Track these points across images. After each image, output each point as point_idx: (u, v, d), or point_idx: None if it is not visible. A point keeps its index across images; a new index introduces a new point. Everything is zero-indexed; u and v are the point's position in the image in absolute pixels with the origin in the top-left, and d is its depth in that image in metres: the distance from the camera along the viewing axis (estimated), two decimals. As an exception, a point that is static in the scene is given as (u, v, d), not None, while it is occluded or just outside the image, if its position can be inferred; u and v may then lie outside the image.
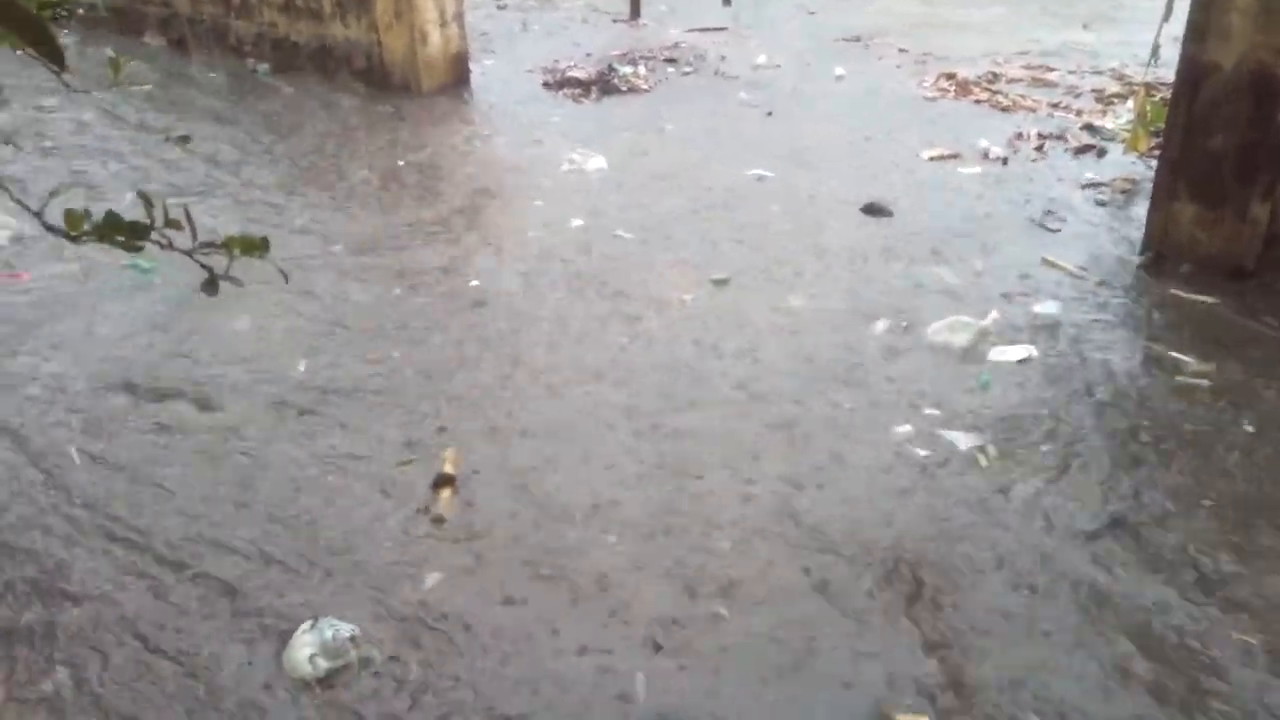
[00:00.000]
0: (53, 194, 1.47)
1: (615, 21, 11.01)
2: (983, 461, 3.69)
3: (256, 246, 1.22)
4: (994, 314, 4.64)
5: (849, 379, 4.21)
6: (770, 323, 4.68)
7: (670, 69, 9.12)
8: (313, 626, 2.87)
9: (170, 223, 1.19)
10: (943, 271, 5.20)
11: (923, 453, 3.73)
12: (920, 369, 4.30)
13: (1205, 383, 4.13)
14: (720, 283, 5.06)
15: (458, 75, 8.42)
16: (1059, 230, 5.68)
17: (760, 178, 6.47)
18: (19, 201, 1.38)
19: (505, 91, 8.42)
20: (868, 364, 4.33)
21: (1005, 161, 6.75)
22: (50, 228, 1.23)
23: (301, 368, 4.29)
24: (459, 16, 8.31)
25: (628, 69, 8.92)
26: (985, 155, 6.86)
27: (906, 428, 3.88)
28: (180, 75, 8.61)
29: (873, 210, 5.93)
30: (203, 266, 1.25)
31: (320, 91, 8.20)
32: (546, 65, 9.09)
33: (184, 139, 6.05)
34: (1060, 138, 7.22)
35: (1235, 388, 4.09)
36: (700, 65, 9.26)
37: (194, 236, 1.21)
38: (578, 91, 8.38)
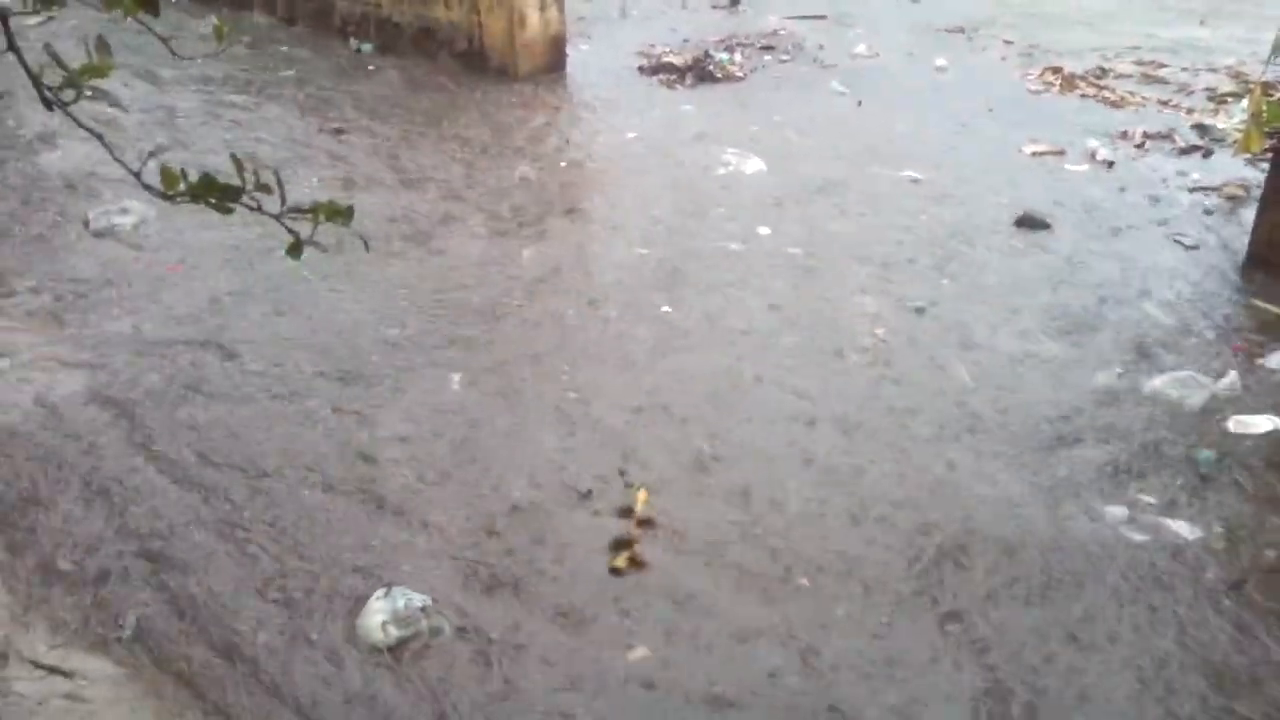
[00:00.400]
0: (151, 154, 1.53)
1: (714, 8, 10.96)
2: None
3: (341, 213, 1.26)
4: (1231, 376, 4.09)
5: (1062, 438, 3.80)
6: (974, 363, 4.31)
7: (767, 57, 9.06)
8: (386, 594, 2.94)
9: (261, 186, 1.23)
10: (1150, 309, 4.77)
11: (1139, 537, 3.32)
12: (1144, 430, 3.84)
13: None
14: (918, 311, 4.71)
15: (555, 59, 8.48)
16: (1197, 248, 5.39)
17: (914, 180, 6.22)
18: (120, 161, 1.44)
19: (600, 76, 8.45)
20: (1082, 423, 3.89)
21: (1110, 165, 6.52)
22: (148, 187, 1.29)
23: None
24: (559, 1, 8.36)
25: (724, 56, 8.87)
26: (1093, 156, 6.65)
27: (1119, 510, 3.42)
28: (285, 53, 8.83)
29: (1029, 223, 5.58)
30: (289, 230, 1.30)
31: (420, 73, 8.33)
32: (642, 50, 9.10)
33: (339, 131, 6.29)
34: (1167, 136, 6.98)
35: None
36: (798, 54, 9.17)
37: (283, 200, 1.25)
38: (672, 78, 8.38)
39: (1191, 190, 6.13)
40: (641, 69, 8.61)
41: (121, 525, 3.26)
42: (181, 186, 1.22)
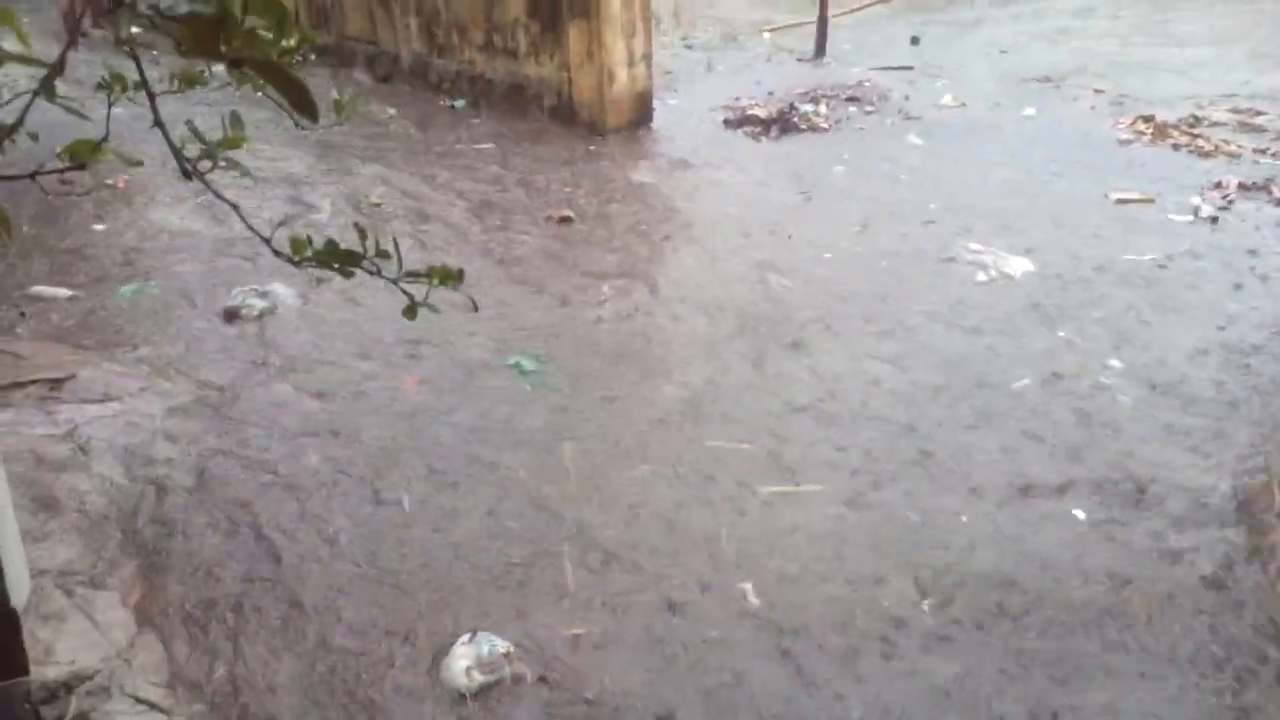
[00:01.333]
0: (280, 224, 1.65)
1: (799, 60, 11.09)
2: None
3: (452, 276, 1.36)
4: None
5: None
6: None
7: (852, 108, 9.13)
8: (471, 639, 3.03)
9: (380, 253, 1.34)
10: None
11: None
12: None
13: None
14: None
15: (641, 113, 8.67)
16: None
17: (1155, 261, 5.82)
18: (253, 229, 1.57)
19: (685, 128, 8.61)
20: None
21: (1215, 220, 6.38)
22: (278, 253, 1.40)
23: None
24: (647, 57, 8.56)
25: (808, 107, 8.97)
26: (1196, 211, 6.51)
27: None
28: (383, 114, 9.18)
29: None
30: (404, 293, 1.40)
31: (516, 126, 8.58)
32: (728, 103, 9.24)
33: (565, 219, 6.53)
34: (1264, 187, 6.84)
35: None
36: (883, 104, 9.22)
37: (400, 265, 1.35)
38: (757, 130, 8.50)
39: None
40: (727, 121, 8.75)
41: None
42: (308, 252, 1.33)
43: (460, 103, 9.27)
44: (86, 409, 4.17)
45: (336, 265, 1.33)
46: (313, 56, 1.16)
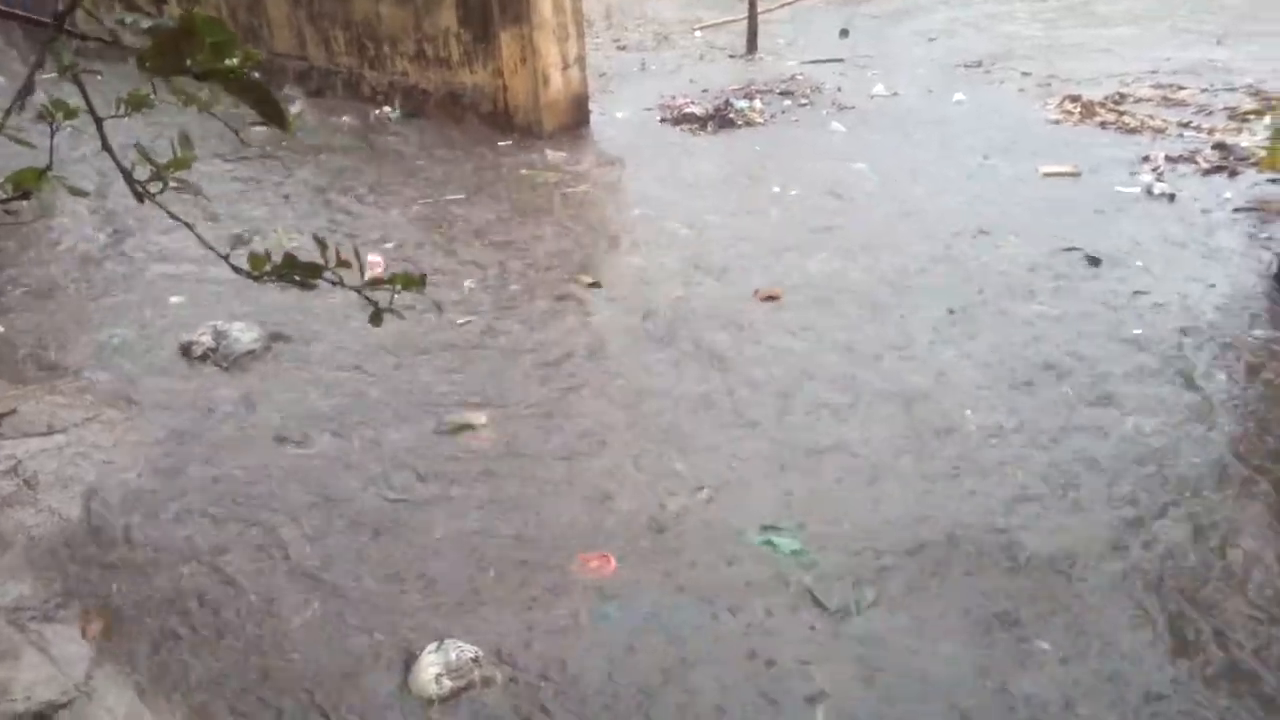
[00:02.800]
0: (238, 239, 1.64)
1: (732, 57, 11.17)
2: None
3: (415, 283, 1.35)
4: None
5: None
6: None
7: (787, 102, 9.21)
8: (439, 647, 3.02)
9: (341, 262, 1.33)
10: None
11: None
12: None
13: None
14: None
15: (579, 116, 8.68)
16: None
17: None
18: (211, 247, 1.55)
19: (623, 129, 8.63)
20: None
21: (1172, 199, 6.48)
22: (237, 270, 1.39)
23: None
24: (581, 59, 8.57)
25: (744, 103, 9.04)
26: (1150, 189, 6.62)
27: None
28: (325, 125, 9.07)
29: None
30: (369, 301, 1.39)
31: (450, 135, 8.54)
32: (664, 102, 9.28)
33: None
34: (1190, 159, 7.02)
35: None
36: (817, 97, 9.32)
37: (362, 274, 1.35)
38: (694, 126, 8.55)
39: (1214, 209, 6.16)
40: (664, 120, 8.78)
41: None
42: (268, 267, 1.32)
43: (395, 114, 9.21)
44: (29, 443, 4.09)
45: (298, 277, 1.32)
46: (255, 75, 1.14)
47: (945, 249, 5.76)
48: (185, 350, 4.96)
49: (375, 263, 5.58)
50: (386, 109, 9.29)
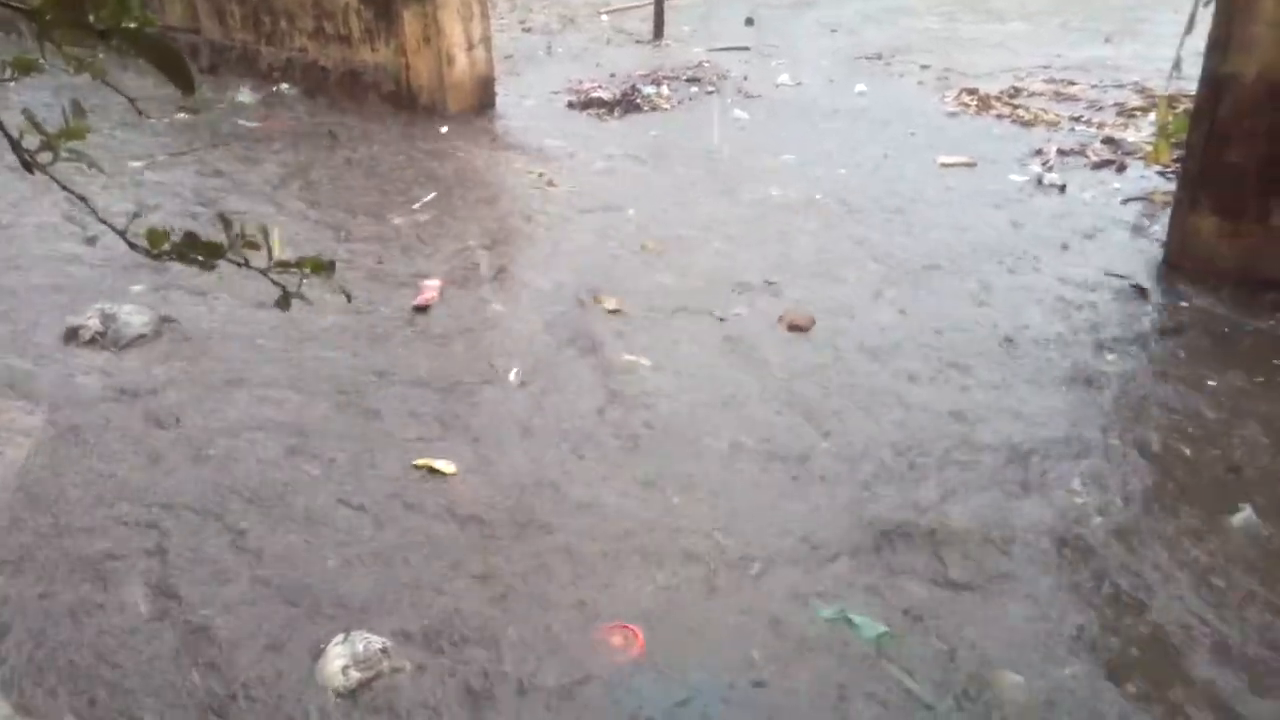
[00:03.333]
0: (135, 215, 1.56)
1: (639, 43, 11.16)
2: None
3: (324, 268, 1.31)
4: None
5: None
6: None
7: (693, 88, 9.23)
8: (345, 639, 2.95)
9: (248, 243, 1.28)
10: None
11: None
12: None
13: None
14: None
15: (484, 98, 8.57)
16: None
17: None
18: (106, 222, 1.47)
19: (529, 112, 8.55)
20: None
21: (1063, 190, 6.66)
22: (134, 246, 1.32)
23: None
24: (486, 40, 8.46)
25: (651, 89, 9.04)
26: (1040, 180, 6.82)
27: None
28: (212, 101, 8.78)
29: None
30: (275, 284, 1.34)
31: (350, 116, 8.34)
32: (571, 86, 9.22)
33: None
34: (1080, 152, 7.25)
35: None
36: (723, 84, 9.36)
37: (270, 256, 1.29)
38: (601, 111, 8.51)
39: (1106, 201, 6.38)
40: (571, 104, 8.73)
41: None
42: (167, 245, 1.26)
43: (293, 91, 8.96)
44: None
45: (199, 257, 1.26)
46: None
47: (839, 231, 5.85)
48: (71, 335, 4.69)
49: (430, 286, 5.21)
50: (284, 86, 9.03)
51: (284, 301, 1.35)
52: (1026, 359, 4.46)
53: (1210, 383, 4.22)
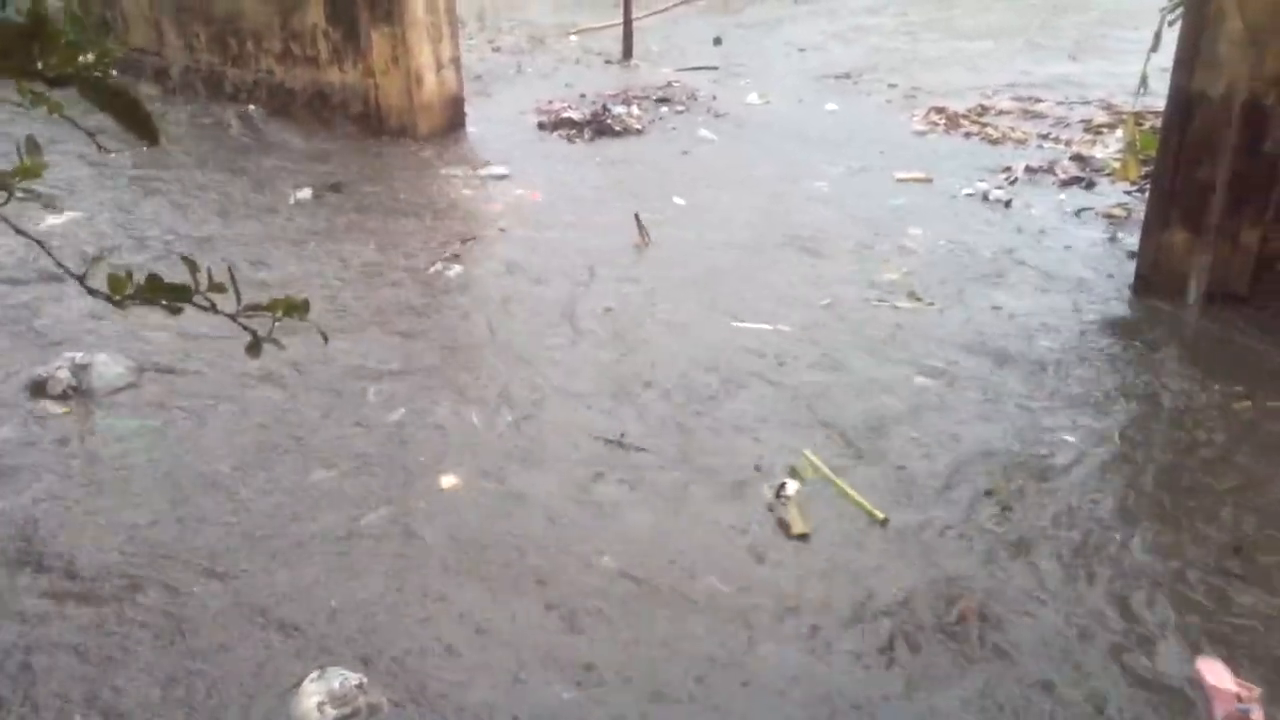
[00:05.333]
0: (96, 259, 1.49)
1: (608, 63, 11.15)
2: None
3: (298, 308, 1.24)
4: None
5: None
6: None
7: (663, 109, 9.23)
8: (321, 675, 2.88)
9: (215, 286, 1.22)
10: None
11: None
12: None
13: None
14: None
15: (454, 118, 8.51)
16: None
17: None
18: (63, 266, 1.41)
19: (500, 133, 8.50)
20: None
21: (1009, 204, 6.70)
22: (93, 291, 1.26)
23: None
24: (455, 61, 8.42)
25: (621, 109, 9.02)
26: (985, 196, 6.85)
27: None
28: (181, 125, 8.66)
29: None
30: (245, 329, 1.28)
31: (318, 138, 8.26)
32: (541, 106, 9.19)
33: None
34: (1049, 170, 7.29)
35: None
36: (692, 104, 9.36)
37: (238, 299, 1.23)
38: (571, 132, 8.48)
39: (1078, 215, 6.41)
40: (541, 125, 8.69)
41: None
42: (130, 290, 1.20)
43: (260, 113, 8.86)
44: None
45: (164, 301, 1.20)
46: (114, 72, 1.03)
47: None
48: (38, 388, 4.34)
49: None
50: (251, 108, 8.93)
51: (254, 348, 1.29)
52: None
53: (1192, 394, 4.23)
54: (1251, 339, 4.71)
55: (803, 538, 3.49)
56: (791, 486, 3.76)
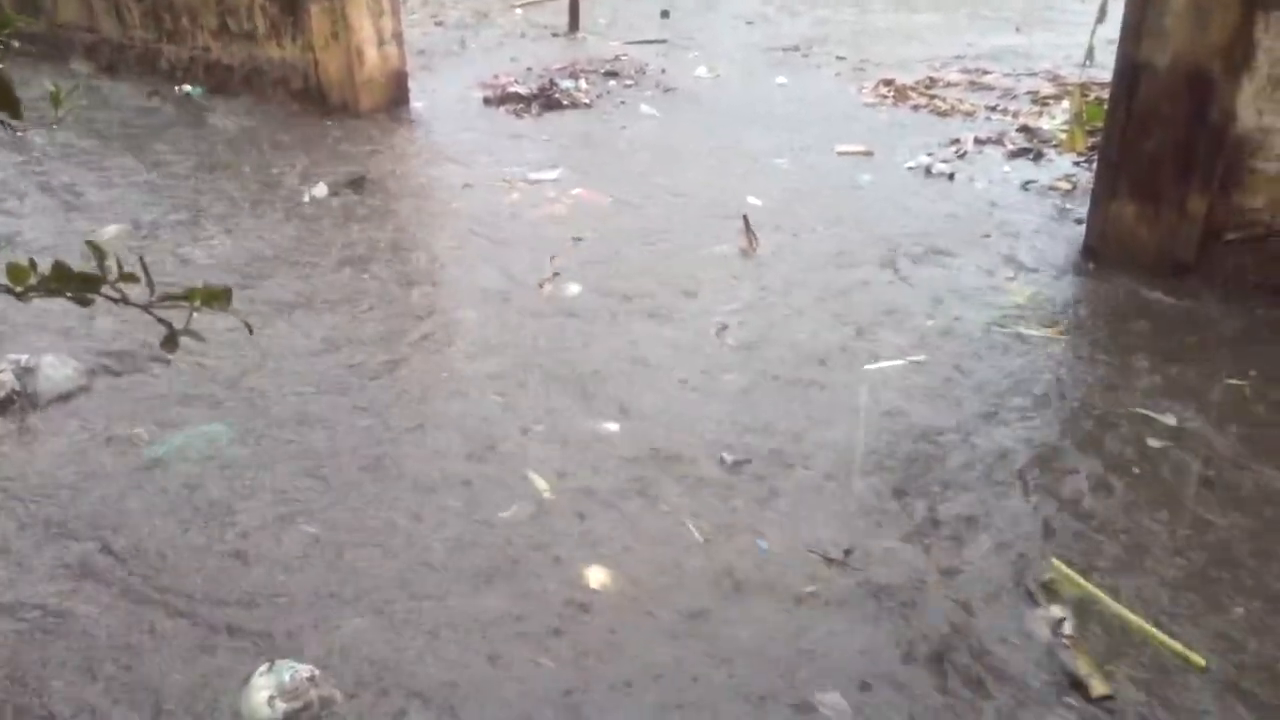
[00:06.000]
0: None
1: (554, 36, 11.00)
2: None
3: (218, 297, 1.15)
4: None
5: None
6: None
7: (612, 82, 9.11)
8: (270, 669, 2.79)
9: (125, 275, 1.12)
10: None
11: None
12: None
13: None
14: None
15: (397, 94, 8.34)
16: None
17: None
18: (-39, 257, 1.31)
19: (445, 109, 8.34)
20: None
21: (952, 177, 6.67)
22: (-10, 284, 1.16)
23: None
24: (397, 35, 8.23)
25: (569, 83, 8.89)
26: (928, 171, 6.81)
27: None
28: (109, 102, 8.39)
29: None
30: (160, 321, 1.18)
31: (257, 114, 8.05)
32: (487, 81, 9.03)
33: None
34: (998, 141, 7.30)
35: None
36: (641, 78, 9.25)
37: (151, 289, 1.14)
38: (519, 107, 8.33)
39: (1025, 187, 6.42)
40: (487, 100, 8.53)
41: None
42: (32, 280, 1.10)
43: (197, 90, 8.62)
44: None
45: (70, 292, 1.11)
46: (15, 44, 0.95)
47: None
48: None
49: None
50: (187, 86, 8.68)
51: (170, 342, 1.19)
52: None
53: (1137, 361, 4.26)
54: (1202, 307, 4.75)
55: (1106, 700, 2.66)
56: (1069, 623, 2.89)
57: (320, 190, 6.39)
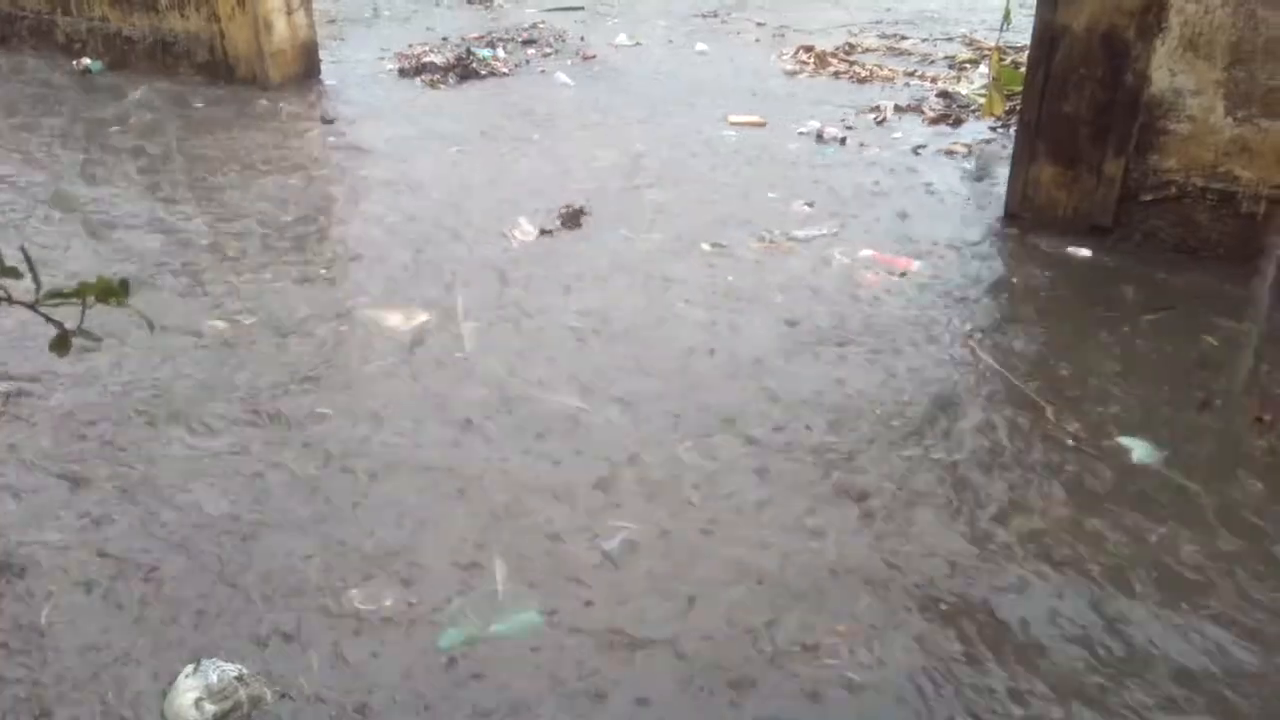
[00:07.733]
0: None
1: (470, 4, 10.77)
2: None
3: (114, 292, 1.04)
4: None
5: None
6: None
7: (530, 50, 8.95)
8: (195, 670, 2.69)
9: (6, 270, 1.02)
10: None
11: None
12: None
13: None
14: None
15: (308, 65, 8.07)
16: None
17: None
18: None
19: (358, 80, 8.11)
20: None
21: (862, 144, 6.64)
22: None
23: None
24: (306, 4, 7.96)
25: (486, 52, 8.71)
26: (819, 133, 6.80)
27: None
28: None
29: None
30: (50, 321, 1.07)
31: (160, 89, 7.74)
32: (401, 51, 8.81)
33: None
34: (917, 108, 7.32)
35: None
36: (560, 46, 9.11)
37: (38, 286, 1.03)
38: (435, 77, 8.13)
39: (947, 154, 6.45)
40: (403, 70, 8.31)
41: None
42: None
43: (96, 65, 8.25)
44: None
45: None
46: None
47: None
48: None
49: None
50: (85, 60, 8.30)
51: (61, 344, 1.08)
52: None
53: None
54: (1117, 267, 4.83)
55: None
56: None
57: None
